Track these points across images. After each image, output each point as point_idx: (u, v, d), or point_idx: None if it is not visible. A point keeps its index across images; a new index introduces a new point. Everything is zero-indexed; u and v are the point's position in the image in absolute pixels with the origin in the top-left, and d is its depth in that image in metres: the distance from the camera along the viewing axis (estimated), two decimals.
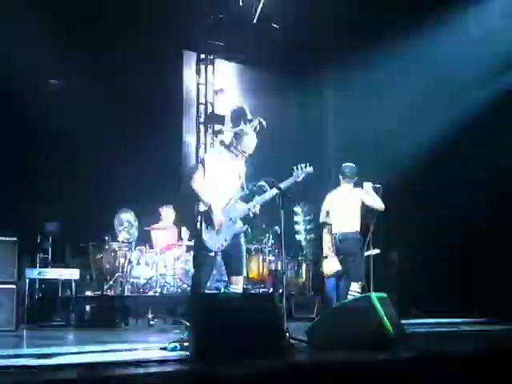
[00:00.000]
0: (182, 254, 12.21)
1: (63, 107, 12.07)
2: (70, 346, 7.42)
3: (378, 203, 9.41)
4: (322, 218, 10.11)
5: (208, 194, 7.07)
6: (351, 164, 9.85)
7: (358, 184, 9.71)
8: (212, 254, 7.05)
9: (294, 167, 7.37)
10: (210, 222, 7.02)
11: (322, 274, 11.86)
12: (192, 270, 9.77)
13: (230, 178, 7.25)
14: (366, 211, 9.60)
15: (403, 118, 13.92)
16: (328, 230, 10.41)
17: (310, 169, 7.44)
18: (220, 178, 7.16)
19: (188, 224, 11.70)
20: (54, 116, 11.83)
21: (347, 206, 9.56)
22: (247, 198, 7.36)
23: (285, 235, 7.08)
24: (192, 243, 10.94)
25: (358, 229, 9.52)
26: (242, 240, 7.26)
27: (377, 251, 10.25)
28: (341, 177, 9.79)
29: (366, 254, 9.66)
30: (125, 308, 10.96)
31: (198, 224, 7.07)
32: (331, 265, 11.17)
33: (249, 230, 12.97)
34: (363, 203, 9.49)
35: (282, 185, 7.13)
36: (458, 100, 13.74)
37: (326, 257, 11.34)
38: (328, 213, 9.93)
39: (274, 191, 7.09)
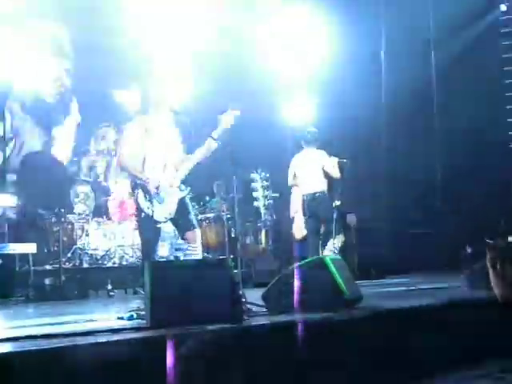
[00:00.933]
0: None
1: None
2: (27, 319, 7.36)
3: (335, 172, 9.65)
4: (289, 181, 10.26)
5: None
6: (313, 129, 10.09)
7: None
8: (159, 226, 7.11)
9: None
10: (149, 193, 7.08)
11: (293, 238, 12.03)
12: None
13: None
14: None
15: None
16: (296, 192, 10.51)
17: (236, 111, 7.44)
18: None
19: None
20: None
21: (314, 167, 9.77)
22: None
23: (243, 201, 7.12)
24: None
25: (326, 188, 9.76)
26: (188, 201, 7.31)
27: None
28: (303, 141, 10.01)
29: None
30: (84, 280, 10.92)
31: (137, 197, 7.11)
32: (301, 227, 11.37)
33: (206, 198, 13.12)
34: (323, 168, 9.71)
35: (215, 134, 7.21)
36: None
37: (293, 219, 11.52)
38: (295, 175, 10.10)
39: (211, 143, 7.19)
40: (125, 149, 7.12)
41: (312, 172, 9.90)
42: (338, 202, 10.20)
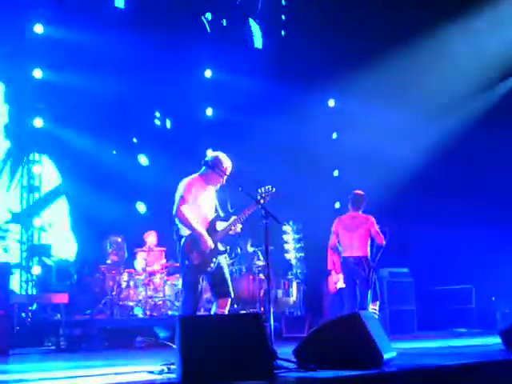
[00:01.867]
0: (170, 277, 12.22)
1: None
2: (58, 371, 7.36)
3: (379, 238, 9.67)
4: (331, 241, 10.21)
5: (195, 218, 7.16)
6: (358, 192, 10.07)
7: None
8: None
9: (258, 190, 7.40)
10: (196, 246, 7.09)
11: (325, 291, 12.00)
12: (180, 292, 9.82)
13: (209, 203, 7.36)
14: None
15: None
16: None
17: (272, 190, 7.48)
18: (202, 203, 7.26)
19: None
20: None
21: (359, 231, 9.76)
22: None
23: (274, 254, 7.11)
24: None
25: (367, 253, 9.71)
26: (224, 262, 7.33)
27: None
28: (349, 204, 10.08)
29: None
30: (114, 331, 10.92)
31: (185, 247, 7.12)
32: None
33: (238, 250, 13.11)
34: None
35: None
36: None
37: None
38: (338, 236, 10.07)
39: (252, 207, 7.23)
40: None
41: (356, 236, 9.82)
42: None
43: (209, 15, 15.59)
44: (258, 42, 16.21)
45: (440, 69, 14.83)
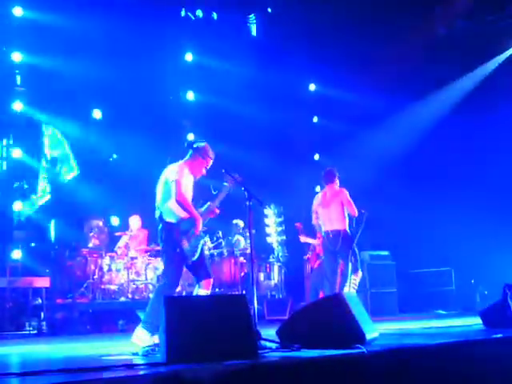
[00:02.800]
0: (152, 259, 12.22)
1: None
2: (40, 354, 7.37)
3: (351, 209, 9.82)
4: (313, 220, 10.39)
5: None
6: (328, 168, 10.21)
7: None
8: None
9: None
10: (185, 232, 7.09)
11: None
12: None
13: (191, 191, 7.40)
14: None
15: None
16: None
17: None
18: (188, 189, 7.28)
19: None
20: None
21: (335, 206, 9.88)
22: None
23: (256, 237, 7.12)
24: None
25: (345, 225, 9.86)
26: (201, 245, 7.34)
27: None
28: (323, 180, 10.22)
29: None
30: (96, 315, 10.92)
31: (175, 233, 7.11)
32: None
33: (219, 234, 13.14)
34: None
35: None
36: None
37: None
38: (317, 214, 10.21)
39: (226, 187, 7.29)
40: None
41: (332, 210, 9.98)
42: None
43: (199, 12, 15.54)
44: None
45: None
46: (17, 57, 13.02)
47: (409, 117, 15.47)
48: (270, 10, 15.86)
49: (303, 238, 11.40)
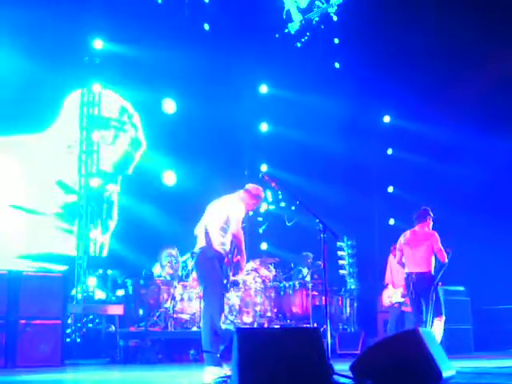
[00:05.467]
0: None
1: None
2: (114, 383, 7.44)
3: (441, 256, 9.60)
4: (397, 259, 10.19)
5: None
6: (423, 207, 10.03)
7: None
8: None
9: None
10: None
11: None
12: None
13: None
14: None
15: None
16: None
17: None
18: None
19: None
20: None
21: (423, 247, 9.67)
22: None
23: (328, 270, 7.06)
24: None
25: (431, 269, 9.61)
26: None
27: None
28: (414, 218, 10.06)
29: None
30: (168, 344, 10.98)
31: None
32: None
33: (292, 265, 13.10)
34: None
35: None
36: None
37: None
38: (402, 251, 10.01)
39: None
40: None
41: (419, 251, 9.74)
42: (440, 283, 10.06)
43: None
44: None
45: None
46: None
47: (486, 150, 15.15)
48: None
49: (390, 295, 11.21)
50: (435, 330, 9.33)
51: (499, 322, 14.43)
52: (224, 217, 7.15)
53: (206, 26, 14.68)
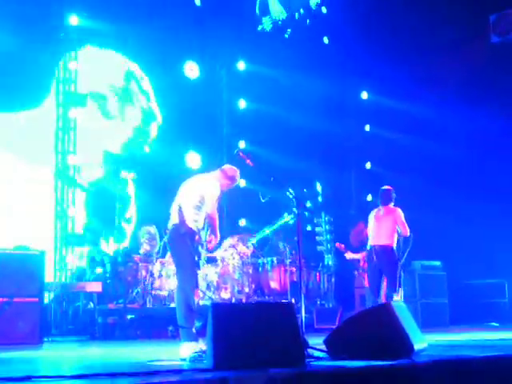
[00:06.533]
0: (203, 265, 12.28)
1: None
2: (92, 359, 7.49)
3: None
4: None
5: None
6: (385, 187, 10.18)
7: None
8: None
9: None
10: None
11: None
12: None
13: None
14: None
15: None
16: None
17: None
18: None
19: None
20: None
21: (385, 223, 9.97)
22: None
23: (306, 246, 7.13)
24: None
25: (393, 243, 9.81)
26: None
27: None
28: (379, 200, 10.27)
29: None
30: (146, 320, 11.04)
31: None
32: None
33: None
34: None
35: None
36: None
37: None
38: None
39: None
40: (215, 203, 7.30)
41: (382, 226, 9.98)
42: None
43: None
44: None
45: None
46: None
47: (463, 126, 15.25)
48: None
49: (349, 255, 11.42)
50: None
51: (475, 297, 14.62)
52: (198, 195, 7.18)
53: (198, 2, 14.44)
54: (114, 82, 14.01)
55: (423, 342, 6.41)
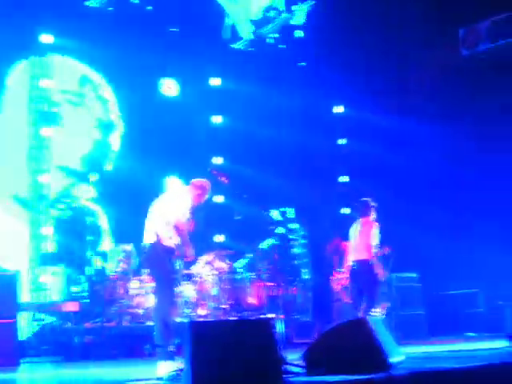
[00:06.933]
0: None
1: None
2: (69, 380, 7.44)
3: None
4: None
5: None
6: (363, 199, 10.21)
7: None
8: None
9: None
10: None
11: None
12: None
13: None
14: None
15: None
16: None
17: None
18: None
19: None
20: None
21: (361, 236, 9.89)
22: None
23: (282, 260, 7.16)
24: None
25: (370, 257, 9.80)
26: None
27: None
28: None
29: None
30: (124, 339, 10.99)
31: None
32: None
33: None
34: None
35: None
36: None
37: None
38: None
39: None
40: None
41: (359, 240, 9.98)
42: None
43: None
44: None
45: None
46: None
47: (437, 139, 15.38)
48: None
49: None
50: None
51: (451, 307, 14.69)
52: (170, 211, 7.19)
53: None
54: (67, 86, 13.70)
55: (400, 355, 6.45)
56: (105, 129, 14.09)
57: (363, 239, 9.95)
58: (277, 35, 16.09)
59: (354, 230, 10.15)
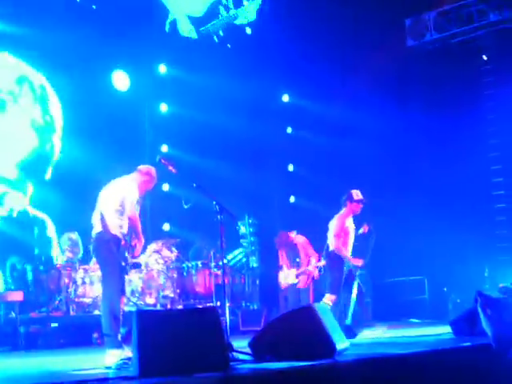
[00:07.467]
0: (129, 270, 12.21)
1: None
2: (16, 370, 7.37)
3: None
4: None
5: None
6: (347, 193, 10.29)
7: None
8: None
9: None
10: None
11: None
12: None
13: None
14: None
15: None
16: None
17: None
18: None
19: None
20: None
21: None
22: None
23: (229, 249, 7.20)
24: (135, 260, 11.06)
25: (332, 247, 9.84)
26: None
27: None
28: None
29: None
30: (70, 328, 10.91)
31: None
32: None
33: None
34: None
35: None
36: None
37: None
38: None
39: None
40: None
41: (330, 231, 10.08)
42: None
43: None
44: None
45: None
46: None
47: (380, 126, 15.57)
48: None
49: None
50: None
51: (396, 294, 14.93)
52: (118, 199, 7.15)
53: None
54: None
55: (345, 341, 6.55)
56: (40, 131, 13.63)
57: (331, 229, 10.01)
58: (221, 33, 16.04)
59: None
